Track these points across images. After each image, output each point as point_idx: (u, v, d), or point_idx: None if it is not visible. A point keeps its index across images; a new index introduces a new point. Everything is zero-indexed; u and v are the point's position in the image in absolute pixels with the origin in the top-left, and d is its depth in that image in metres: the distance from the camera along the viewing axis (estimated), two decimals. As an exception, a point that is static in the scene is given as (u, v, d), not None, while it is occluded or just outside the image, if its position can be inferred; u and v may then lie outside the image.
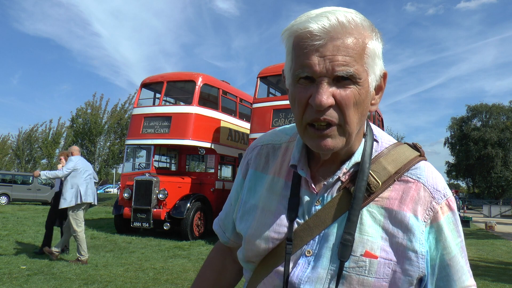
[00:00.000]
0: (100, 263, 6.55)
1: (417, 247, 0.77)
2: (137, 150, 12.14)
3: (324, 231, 0.79)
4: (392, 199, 0.79)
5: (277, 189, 0.88)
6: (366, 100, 0.76)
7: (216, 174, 11.71)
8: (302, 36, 0.73)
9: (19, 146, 35.37)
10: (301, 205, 0.83)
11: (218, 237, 1.07)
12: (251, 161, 0.96)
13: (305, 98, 0.74)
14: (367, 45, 0.73)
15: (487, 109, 44.42)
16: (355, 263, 0.76)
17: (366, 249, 0.76)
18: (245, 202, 0.93)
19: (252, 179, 0.94)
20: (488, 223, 16.75)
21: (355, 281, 0.76)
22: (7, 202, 21.41)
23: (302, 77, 0.74)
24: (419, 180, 0.81)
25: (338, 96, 0.72)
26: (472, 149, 42.62)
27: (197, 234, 10.21)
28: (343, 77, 0.71)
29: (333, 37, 0.71)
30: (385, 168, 0.81)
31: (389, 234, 0.77)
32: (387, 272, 0.76)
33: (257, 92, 10.31)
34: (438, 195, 0.80)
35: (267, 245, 0.84)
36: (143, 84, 12.02)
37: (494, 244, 11.31)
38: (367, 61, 0.74)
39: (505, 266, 7.76)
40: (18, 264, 6.17)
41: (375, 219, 0.78)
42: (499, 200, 37.47)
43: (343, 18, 0.72)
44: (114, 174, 49.11)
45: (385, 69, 0.80)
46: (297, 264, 0.80)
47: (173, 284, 5.42)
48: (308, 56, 0.72)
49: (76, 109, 26.16)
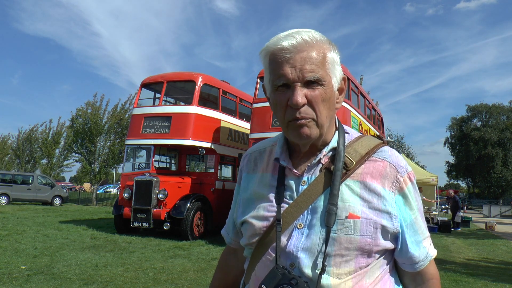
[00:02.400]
0: (100, 263, 6.55)
1: (390, 209, 0.93)
2: (137, 150, 12.13)
3: (312, 205, 0.94)
4: (364, 174, 0.96)
5: (266, 181, 1.03)
6: (332, 98, 0.94)
7: (216, 174, 11.71)
8: (276, 52, 0.92)
9: (19, 146, 35.35)
10: (288, 189, 0.98)
11: (221, 239, 1.15)
12: (244, 167, 1.14)
13: (284, 101, 0.91)
14: (327, 55, 0.92)
15: (487, 109, 44.43)
16: (341, 225, 0.90)
17: (350, 212, 0.91)
18: (242, 199, 1.08)
19: (245, 180, 1.10)
20: (488, 223, 16.75)
21: (344, 240, 0.90)
22: (7, 202, 21.40)
23: (280, 85, 0.92)
24: (385, 159, 0.98)
25: (309, 96, 0.90)
26: (472, 149, 42.62)
27: (197, 234, 10.21)
28: (311, 81, 0.90)
29: (300, 50, 0.89)
30: (357, 151, 0.98)
31: (365, 200, 0.93)
32: (369, 229, 0.91)
33: (257, 92, 10.30)
34: (402, 169, 0.97)
35: (262, 223, 0.98)
36: (143, 84, 12.01)
37: (494, 244, 11.31)
38: (328, 67, 0.92)
39: (505, 266, 7.76)
40: (18, 264, 6.17)
41: (353, 190, 0.94)
42: (499, 200, 37.43)
43: (306, 36, 0.91)
44: (114, 174, 49.15)
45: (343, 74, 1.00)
46: (291, 236, 0.93)
47: (173, 284, 5.42)
48: (282, 68, 0.90)
49: (76, 109, 26.15)
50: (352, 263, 0.90)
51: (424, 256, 0.99)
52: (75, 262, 6.51)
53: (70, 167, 35.67)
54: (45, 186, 22.91)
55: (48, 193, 22.84)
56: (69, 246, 8.12)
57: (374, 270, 0.94)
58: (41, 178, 23.77)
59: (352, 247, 0.90)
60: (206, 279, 5.77)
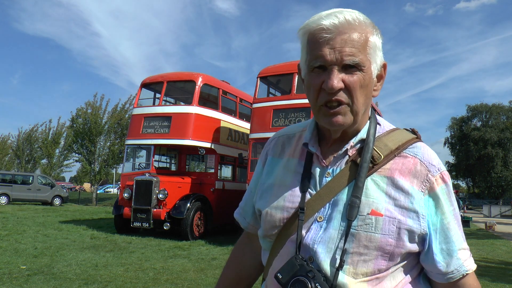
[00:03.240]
0: (100, 263, 6.55)
1: (418, 208, 0.87)
2: (137, 150, 12.13)
3: (334, 198, 0.89)
4: (393, 169, 0.90)
5: (292, 167, 0.99)
6: (370, 85, 0.89)
7: (216, 174, 11.70)
8: (315, 32, 0.86)
9: (19, 146, 35.35)
10: (313, 178, 0.94)
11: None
12: (270, 150, 1.08)
13: (319, 84, 0.87)
14: (369, 38, 0.87)
15: (487, 109, 44.38)
16: (362, 221, 0.85)
17: (372, 209, 0.86)
18: (263, 183, 1.03)
19: (270, 164, 1.05)
20: (488, 223, 16.74)
21: (363, 237, 0.85)
22: (7, 202, 21.40)
23: (316, 67, 0.87)
24: (416, 156, 0.92)
25: (346, 80, 0.85)
26: (472, 149, 42.59)
27: (197, 234, 10.21)
28: (350, 65, 0.84)
29: (341, 32, 0.84)
30: (386, 145, 0.93)
31: (391, 198, 0.87)
32: (392, 229, 0.85)
33: (257, 92, 10.30)
34: (433, 168, 0.90)
35: (282, 214, 0.94)
36: (143, 84, 12.01)
37: (494, 244, 11.31)
38: (369, 52, 0.87)
39: (505, 266, 7.76)
40: (18, 264, 6.17)
41: (379, 186, 0.89)
42: (499, 200, 37.40)
43: (349, 16, 0.86)
44: (114, 174, 49.15)
45: (385, 61, 0.93)
46: (310, 229, 0.89)
47: (173, 284, 5.42)
48: (320, 48, 0.85)
49: (76, 109, 26.16)
50: (371, 264, 0.85)
51: (456, 267, 0.89)
52: (75, 262, 6.51)
53: (70, 167, 35.77)
54: (45, 186, 22.91)
55: (48, 193, 22.83)
56: (69, 246, 8.12)
57: (396, 274, 0.89)
58: (41, 178, 23.78)
59: (372, 246, 0.84)
60: (206, 279, 5.77)
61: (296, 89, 9.68)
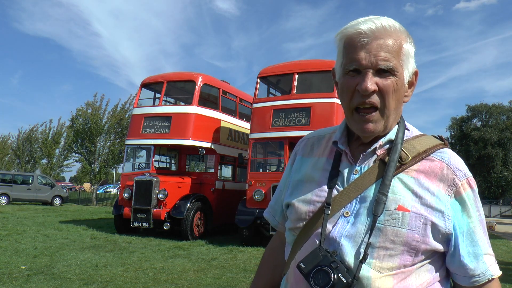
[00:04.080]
0: (100, 263, 6.55)
1: (444, 209, 0.88)
2: (137, 150, 12.13)
3: (361, 195, 0.92)
4: (419, 171, 0.92)
5: (320, 165, 1.02)
6: (401, 90, 0.92)
7: (216, 174, 11.70)
8: (353, 36, 0.90)
9: (19, 146, 35.35)
10: (341, 175, 0.97)
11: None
12: (299, 150, 1.12)
13: (353, 86, 0.90)
14: (403, 45, 0.91)
15: (487, 109, 44.37)
16: (389, 216, 0.87)
17: (399, 204, 0.88)
18: (293, 180, 1.06)
19: (299, 162, 1.09)
20: (488, 223, 16.74)
21: (390, 232, 0.87)
22: (7, 202, 21.40)
23: (351, 70, 0.90)
24: (443, 160, 0.93)
25: (380, 84, 0.88)
26: (472, 149, 42.58)
27: (197, 234, 10.21)
28: (384, 70, 0.88)
29: (377, 37, 0.88)
30: (414, 147, 0.95)
31: (418, 196, 0.89)
32: (418, 225, 0.87)
33: (257, 92, 10.30)
34: (460, 173, 0.92)
35: (308, 207, 0.97)
36: (143, 84, 12.01)
37: (494, 244, 11.28)
38: (402, 58, 0.91)
39: (505, 266, 7.75)
40: (18, 264, 6.17)
41: (405, 184, 0.91)
42: (499, 200, 37.41)
43: (386, 23, 0.90)
44: (114, 174, 49.13)
45: (416, 68, 0.97)
46: (336, 223, 0.91)
47: (173, 284, 5.42)
48: (357, 52, 0.89)
49: (76, 109, 26.17)
50: (397, 259, 0.86)
51: (482, 271, 0.91)
52: (75, 262, 6.51)
53: (70, 167, 35.78)
54: (45, 186, 22.91)
55: (48, 193, 22.83)
56: (69, 246, 8.12)
57: (422, 272, 0.90)
58: (41, 178, 23.78)
59: (398, 241, 0.86)
60: (206, 279, 5.77)
61: (296, 89, 9.67)
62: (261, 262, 1.21)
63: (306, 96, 9.48)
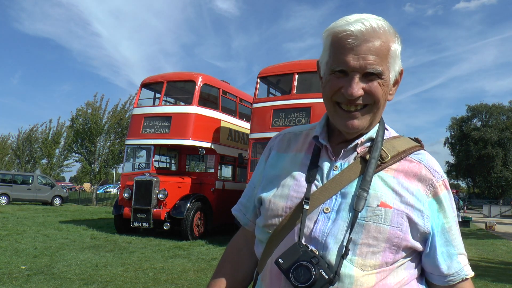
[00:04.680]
0: (100, 263, 6.55)
1: (422, 209, 0.89)
2: (137, 150, 12.13)
3: (342, 191, 0.91)
4: (398, 171, 0.93)
5: (298, 160, 1.00)
6: (386, 91, 0.92)
7: (216, 174, 11.70)
8: (342, 37, 0.88)
9: (19, 146, 35.34)
10: (320, 170, 0.95)
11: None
12: (274, 146, 1.09)
13: (338, 87, 0.89)
14: (391, 47, 0.90)
15: (487, 109, 44.38)
16: (372, 213, 0.87)
17: (381, 201, 0.88)
18: (267, 175, 1.03)
19: (274, 158, 1.06)
20: (488, 223, 16.74)
21: (373, 229, 0.86)
22: (7, 202, 21.40)
23: (337, 70, 0.89)
24: (421, 162, 0.94)
25: (366, 88, 0.88)
26: (472, 149, 42.58)
27: (197, 234, 10.21)
28: (371, 73, 0.87)
29: (367, 39, 0.86)
30: (394, 147, 0.96)
31: (398, 194, 0.89)
32: (400, 221, 0.87)
33: (257, 92, 10.30)
34: (437, 175, 0.94)
35: (286, 202, 0.94)
36: (143, 84, 12.01)
37: (494, 244, 11.31)
38: (390, 61, 0.90)
39: (505, 266, 7.76)
40: (18, 264, 6.17)
41: (386, 182, 0.91)
42: (499, 200, 37.43)
43: (375, 24, 0.88)
44: (114, 174, 49.13)
45: (402, 67, 0.97)
46: (317, 220, 0.89)
47: (173, 284, 5.42)
48: (345, 53, 0.87)
49: (76, 109, 26.15)
50: (379, 256, 0.86)
51: (457, 270, 0.92)
52: (75, 262, 6.51)
53: (70, 167, 35.76)
54: (45, 186, 22.90)
55: (48, 193, 22.83)
56: (69, 246, 8.12)
57: (400, 270, 0.89)
58: (41, 178, 23.77)
59: (381, 238, 0.85)
60: (206, 279, 5.77)
61: (296, 89, 9.67)
62: (222, 260, 1.14)
63: (306, 96, 9.47)
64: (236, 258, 1.12)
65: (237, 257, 1.12)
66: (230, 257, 1.13)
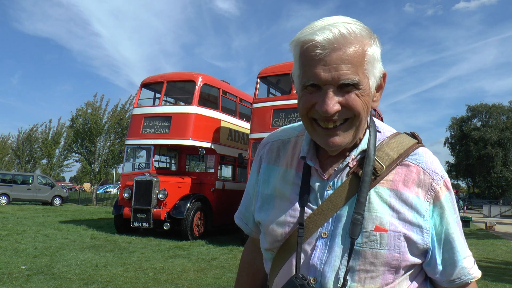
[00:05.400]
0: (100, 263, 6.55)
1: (422, 223, 0.85)
2: (137, 150, 12.14)
3: (337, 213, 0.87)
4: (396, 181, 0.87)
5: (290, 178, 0.95)
6: (369, 99, 0.84)
7: (216, 174, 11.70)
8: (308, 47, 0.80)
9: (19, 146, 35.35)
10: (313, 192, 0.90)
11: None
12: (263, 156, 1.04)
13: (311, 103, 0.82)
14: (366, 52, 0.81)
15: (487, 109, 44.40)
16: (367, 238, 0.83)
17: (376, 224, 0.84)
18: (262, 193, 1.00)
19: (266, 172, 1.01)
20: (488, 223, 16.74)
21: (369, 255, 0.83)
22: (7, 202, 21.40)
23: (308, 85, 0.81)
24: (418, 164, 0.89)
25: (344, 102, 0.80)
26: (472, 149, 42.59)
27: (197, 234, 10.21)
28: (347, 84, 0.79)
29: (336, 48, 0.78)
30: (388, 154, 0.90)
31: (395, 211, 0.85)
32: (397, 243, 0.84)
33: (257, 92, 10.30)
34: (437, 176, 0.88)
35: (283, 229, 0.91)
36: (143, 84, 12.01)
37: (494, 244, 11.31)
38: (367, 67, 0.81)
39: (505, 266, 7.76)
40: (18, 264, 6.17)
41: (382, 198, 0.86)
42: (499, 200, 37.40)
43: (344, 30, 0.78)
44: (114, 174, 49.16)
45: (384, 69, 0.88)
46: (316, 246, 0.87)
47: (173, 284, 5.42)
48: (314, 66, 0.79)
49: (76, 109, 26.15)
50: (378, 280, 0.84)
51: (461, 275, 0.90)
52: (75, 262, 6.51)
53: (70, 167, 35.78)
54: (45, 186, 22.90)
55: (48, 193, 22.83)
56: (69, 246, 8.12)
57: (402, 283, 0.87)
58: (41, 178, 23.77)
59: (378, 263, 0.83)
60: (206, 279, 5.77)
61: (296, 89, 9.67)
62: (239, 270, 1.17)
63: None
64: (251, 266, 1.15)
65: (252, 265, 1.14)
66: (245, 266, 1.16)
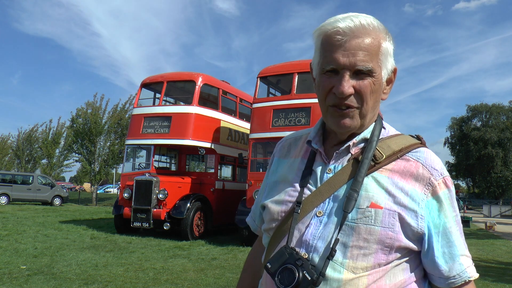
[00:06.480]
0: (100, 263, 6.55)
1: (417, 209, 0.87)
2: (137, 150, 12.14)
3: (334, 194, 0.90)
4: (394, 171, 0.90)
5: (295, 165, 1.01)
6: (379, 90, 0.91)
7: (216, 174, 11.70)
8: (330, 34, 0.88)
9: (19, 146, 35.33)
10: (314, 174, 0.95)
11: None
12: (276, 153, 1.12)
13: (329, 87, 0.89)
14: (381, 44, 0.89)
15: (487, 109, 44.36)
16: (362, 214, 0.85)
17: (372, 202, 0.86)
18: (269, 182, 1.06)
19: (275, 164, 1.09)
20: (488, 223, 16.73)
21: (363, 230, 0.85)
22: (7, 202, 21.40)
23: (328, 70, 0.88)
24: (418, 160, 0.91)
25: (357, 86, 0.87)
26: (472, 149, 42.56)
27: (197, 234, 10.21)
28: (362, 71, 0.86)
29: (356, 36, 0.86)
30: (389, 146, 0.93)
31: (391, 195, 0.87)
32: (392, 222, 0.85)
33: (257, 92, 10.30)
34: (436, 173, 0.90)
35: (281, 207, 0.96)
36: (143, 84, 12.01)
37: (494, 244, 11.30)
38: (381, 58, 0.89)
39: (505, 266, 7.76)
40: (18, 264, 6.17)
41: (379, 183, 0.89)
42: (499, 200, 37.41)
43: (364, 21, 0.88)
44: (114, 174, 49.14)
45: (395, 65, 0.95)
46: (309, 224, 0.90)
47: (173, 284, 5.42)
48: (334, 51, 0.87)
49: (76, 109, 26.15)
50: (371, 258, 0.84)
51: (459, 272, 0.88)
52: (75, 262, 6.51)
53: (70, 167, 35.74)
54: (45, 186, 22.90)
55: (48, 193, 22.83)
56: (69, 246, 8.12)
57: (396, 272, 0.87)
58: (41, 178, 23.77)
59: (372, 239, 0.84)
60: (206, 279, 5.77)
61: (296, 89, 9.67)
62: (242, 270, 1.20)
63: (306, 96, 9.47)
64: (253, 266, 1.16)
65: (254, 263, 1.16)
66: (248, 265, 1.19)
